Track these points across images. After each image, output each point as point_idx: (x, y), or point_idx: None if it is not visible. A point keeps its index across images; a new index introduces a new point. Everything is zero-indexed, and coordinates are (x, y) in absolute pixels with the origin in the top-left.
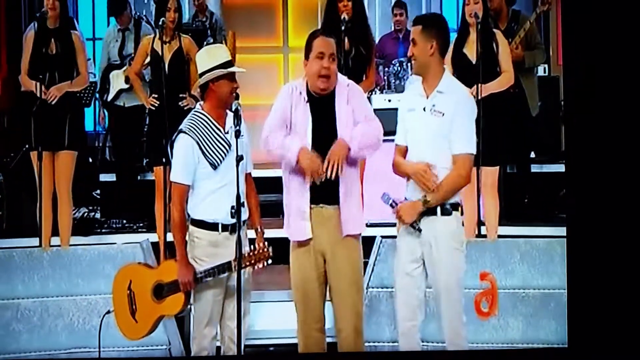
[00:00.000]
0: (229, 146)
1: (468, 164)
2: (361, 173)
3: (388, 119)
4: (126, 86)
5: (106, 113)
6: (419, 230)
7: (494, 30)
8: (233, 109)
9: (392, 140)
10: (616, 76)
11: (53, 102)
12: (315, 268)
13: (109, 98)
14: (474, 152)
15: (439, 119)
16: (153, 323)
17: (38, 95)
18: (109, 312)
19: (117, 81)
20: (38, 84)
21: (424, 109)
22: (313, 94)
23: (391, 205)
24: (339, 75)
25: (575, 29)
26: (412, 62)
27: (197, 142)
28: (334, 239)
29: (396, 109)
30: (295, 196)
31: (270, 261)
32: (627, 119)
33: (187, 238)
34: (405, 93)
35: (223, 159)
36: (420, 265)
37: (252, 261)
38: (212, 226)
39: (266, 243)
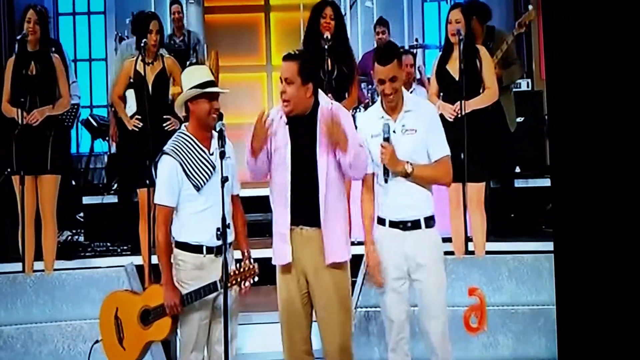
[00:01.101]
0: (214, 168)
1: (449, 165)
2: (347, 193)
3: None
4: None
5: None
6: (385, 181)
7: (478, 46)
8: (217, 130)
9: None
10: (600, 89)
11: (35, 124)
12: (298, 289)
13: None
14: (450, 153)
15: (412, 136)
16: (141, 350)
17: (19, 122)
18: (97, 341)
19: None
20: (19, 110)
21: (394, 131)
22: (294, 117)
23: (385, 138)
24: (322, 96)
25: (557, 42)
26: (392, 97)
27: (180, 163)
28: (317, 262)
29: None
30: (277, 218)
31: (257, 278)
32: (612, 132)
33: (172, 261)
34: (363, 120)
35: (207, 180)
36: (407, 281)
37: (239, 279)
38: (196, 249)
39: (252, 260)
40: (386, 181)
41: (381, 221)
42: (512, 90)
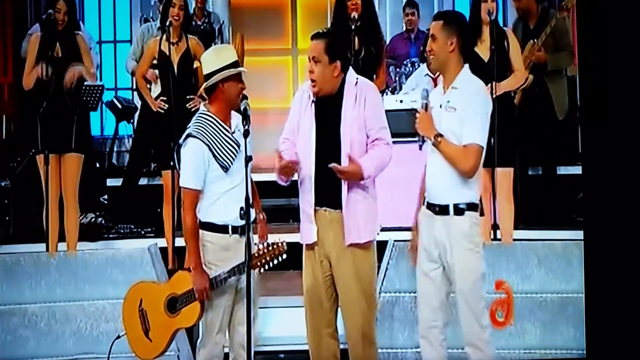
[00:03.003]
0: (238, 146)
1: (475, 154)
2: None
3: (399, 120)
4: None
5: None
6: (419, 147)
7: (505, 28)
8: (242, 109)
9: (405, 142)
10: (634, 76)
11: (72, 84)
12: (322, 272)
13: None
14: (483, 145)
15: (451, 114)
16: (169, 339)
17: (43, 75)
18: (119, 337)
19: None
20: (44, 65)
21: (440, 106)
22: (321, 96)
23: (423, 104)
24: (350, 73)
25: (590, 29)
26: (431, 57)
27: (208, 146)
28: (339, 245)
29: (407, 110)
30: (302, 198)
31: (285, 256)
32: None
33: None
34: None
35: (233, 160)
36: (439, 267)
37: (268, 258)
38: (222, 229)
39: (280, 238)
40: (420, 147)
41: (424, 201)
42: (566, 76)
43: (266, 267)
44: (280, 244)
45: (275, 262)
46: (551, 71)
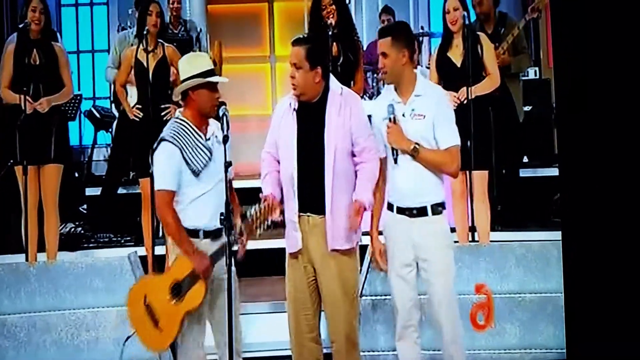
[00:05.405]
0: (211, 153)
1: (458, 155)
2: None
3: None
4: None
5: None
6: (394, 161)
7: (478, 33)
8: (220, 115)
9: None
10: (608, 77)
11: (42, 112)
12: (305, 277)
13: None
14: (460, 143)
15: (420, 122)
16: (179, 325)
17: (23, 108)
18: (129, 337)
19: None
20: (23, 97)
21: (403, 115)
22: (303, 104)
23: (390, 119)
24: (333, 80)
25: (565, 30)
26: (383, 74)
27: (180, 149)
28: (322, 250)
29: None
30: (287, 206)
31: (278, 211)
32: (620, 121)
33: (169, 245)
34: (376, 102)
35: (204, 165)
36: (414, 269)
37: (262, 218)
38: (193, 233)
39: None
40: (395, 161)
41: (390, 207)
42: (521, 80)
43: (263, 226)
44: (269, 203)
45: (270, 220)
46: (509, 74)
